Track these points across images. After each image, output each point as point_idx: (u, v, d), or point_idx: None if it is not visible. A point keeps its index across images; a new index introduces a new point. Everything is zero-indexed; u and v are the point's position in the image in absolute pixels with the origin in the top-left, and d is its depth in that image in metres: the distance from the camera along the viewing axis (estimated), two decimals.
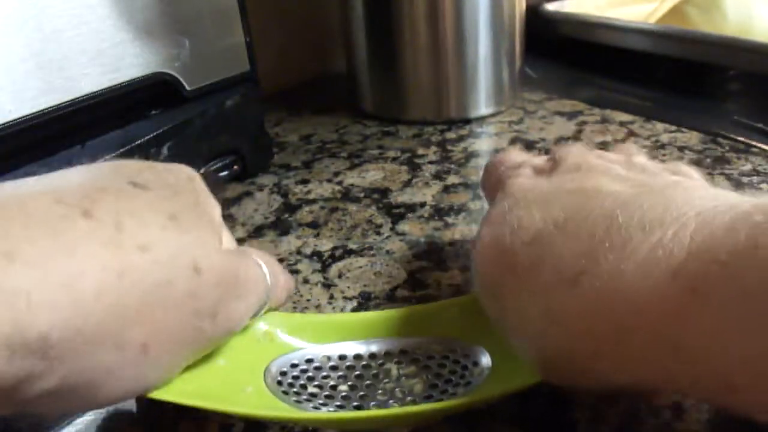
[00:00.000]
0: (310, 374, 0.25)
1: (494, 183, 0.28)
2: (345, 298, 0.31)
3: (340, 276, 0.33)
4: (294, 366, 0.25)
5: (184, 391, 0.21)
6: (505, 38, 0.52)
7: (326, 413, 0.23)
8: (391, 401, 0.24)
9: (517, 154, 0.29)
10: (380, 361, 0.25)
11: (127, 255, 0.17)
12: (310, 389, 0.24)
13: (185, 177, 0.23)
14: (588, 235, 0.20)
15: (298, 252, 0.35)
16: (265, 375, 0.24)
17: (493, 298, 0.23)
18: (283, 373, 0.24)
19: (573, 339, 0.19)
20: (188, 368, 0.22)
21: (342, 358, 0.25)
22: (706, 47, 0.53)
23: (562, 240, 0.20)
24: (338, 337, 0.26)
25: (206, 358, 0.23)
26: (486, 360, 0.24)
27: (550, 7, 0.66)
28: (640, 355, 0.18)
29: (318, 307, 0.31)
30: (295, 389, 0.24)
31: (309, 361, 0.25)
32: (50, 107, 0.31)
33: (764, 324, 0.15)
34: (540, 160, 0.26)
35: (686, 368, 0.17)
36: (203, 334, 0.20)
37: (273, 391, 0.24)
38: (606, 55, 0.62)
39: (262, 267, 0.24)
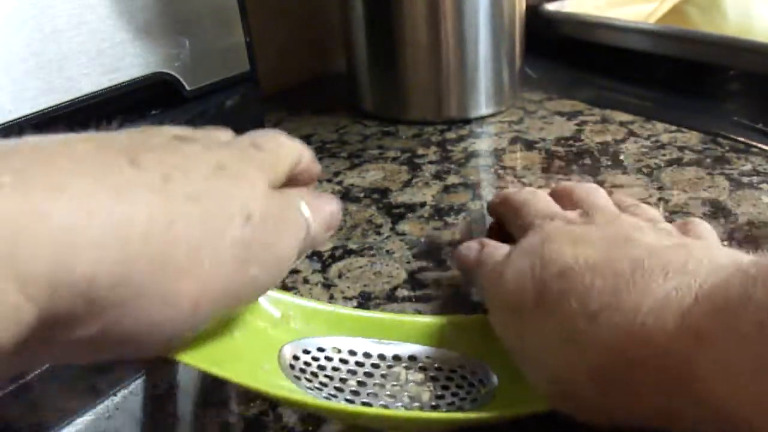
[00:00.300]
0: (321, 363, 0.25)
1: (522, 221, 0.28)
2: (345, 298, 0.31)
3: (340, 276, 0.33)
4: (306, 352, 0.25)
5: (209, 358, 0.21)
6: (505, 38, 0.52)
7: (342, 404, 0.23)
8: (397, 404, 0.24)
9: (546, 202, 0.30)
10: (389, 363, 0.25)
11: (176, 204, 0.17)
12: (321, 378, 0.24)
13: (229, 131, 0.24)
14: (614, 275, 0.21)
15: None
16: (279, 356, 0.24)
17: (511, 323, 0.24)
18: (296, 358, 0.24)
19: (586, 370, 0.20)
20: (206, 334, 0.21)
21: (352, 353, 0.26)
22: (706, 47, 0.53)
23: (590, 277, 0.22)
24: (350, 332, 0.26)
25: (221, 328, 0.22)
26: (493, 380, 0.25)
27: (550, 7, 0.66)
28: (646, 392, 0.19)
29: None
30: (306, 375, 0.24)
31: (320, 350, 0.25)
32: (50, 107, 0.31)
33: (759, 366, 0.16)
34: (572, 214, 0.27)
35: (689, 407, 0.18)
36: (254, 282, 0.20)
37: (286, 373, 0.24)
38: (606, 55, 0.62)
39: (302, 210, 0.22)
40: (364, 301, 0.31)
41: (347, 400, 0.23)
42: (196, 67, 0.38)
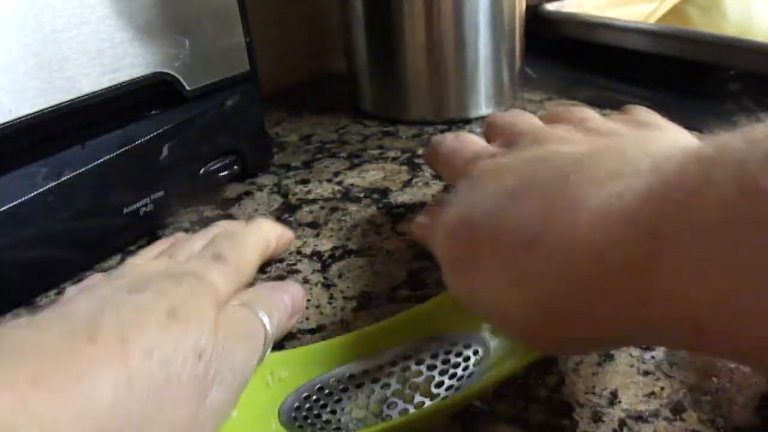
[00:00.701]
0: (322, 402, 0.25)
1: (452, 171, 0.29)
2: (345, 298, 0.31)
3: (340, 276, 0.33)
4: (306, 398, 0.25)
5: None
6: (505, 38, 0.52)
7: None
8: (403, 406, 0.24)
9: (471, 143, 0.29)
10: (388, 371, 0.25)
11: (134, 363, 0.19)
12: (325, 417, 0.24)
13: (198, 240, 0.28)
14: (541, 197, 0.20)
15: (298, 252, 0.35)
16: (279, 415, 0.24)
17: (459, 279, 0.23)
18: (297, 408, 0.25)
19: (537, 307, 0.19)
20: None
21: (351, 377, 0.26)
22: (706, 47, 0.53)
23: (517, 206, 0.20)
24: (344, 360, 0.26)
25: None
26: (485, 346, 0.25)
27: (550, 7, 0.66)
28: (608, 311, 0.18)
29: (318, 307, 0.31)
30: (309, 421, 0.24)
31: (320, 389, 0.25)
32: (50, 107, 0.31)
33: (725, 261, 0.14)
34: (494, 147, 0.27)
35: (655, 316, 0.17)
36: (220, 405, 0.21)
37: (289, 429, 0.24)
38: (606, 55, 0.62)
39: (257, 316, 0.25)
40: (364, 301, 0.31)
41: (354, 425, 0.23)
42: (196, 67, 0.38)
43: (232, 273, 0.26)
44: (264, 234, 0.31)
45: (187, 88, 0.38)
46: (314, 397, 0.25)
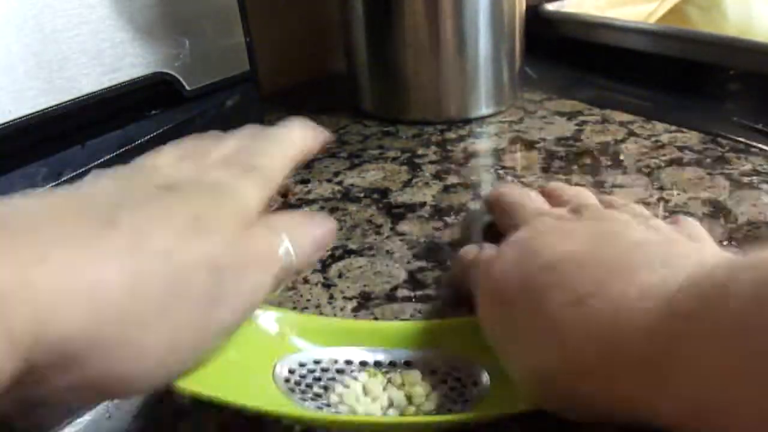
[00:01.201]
0: (316, 375, 0.25)
1: (511, 216, 0.30)
2: (345, 298, 0.31)
3: (340, 276, 0.33)
4: (302, 365, 0.25)
5: (200, 381, 0.21)
6: (505, 38, 0.52)
7: (329, 414, 0.23)
8: (391, 410, 0.24)
9: (537, 200, 0.31)
10: (385, 370, 0.26)
11: (145, 261, 0.18)
12: (315, 389, 0.24)
13: (231, 139, 0.26)
14: (598, 267, 0.21)
15: None
16: (274, 371, 0.24)
17: (495, 317, 0.24)
18: (291, 371, 0.25)
19: (565, 358, 0.20)
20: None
21: (348, 362, 0.26)
22: (706, 47, 0.53)
23: (575, 269, 0.22)
24: (346, 342, 0.26)
25: (219, 349, 0.23)
26: (486, 381, 0.25)
27: (550, 7, 0.66)
28: (624, 380, 0.19)
29: (318, 307, 0.31)
30: (300, 387, 0.24)
31: (317, 362, 0.25)
32: (50, 107, 0.31)
33: (736, 363, 0.16)
34: (561, 211, 0.28)
35: (666, 400, 0.18)
36: (223, 324, 0.21)
37: (280, 387, 0.24)
38: (606, 55, 0.62)
39: (282, 242, 0.23)
40: (364, 301, 0.31)
41: (341, 410, 0.24)
42: (196, 67, 0.38)
43: (263, 183, 0.25)
44: (295, 138, 0.29)
45: (187, 88, 0.38)
46: (309, 368, 0.25)
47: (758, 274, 0.16)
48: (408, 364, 0.26)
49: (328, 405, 0.24)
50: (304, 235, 0.25)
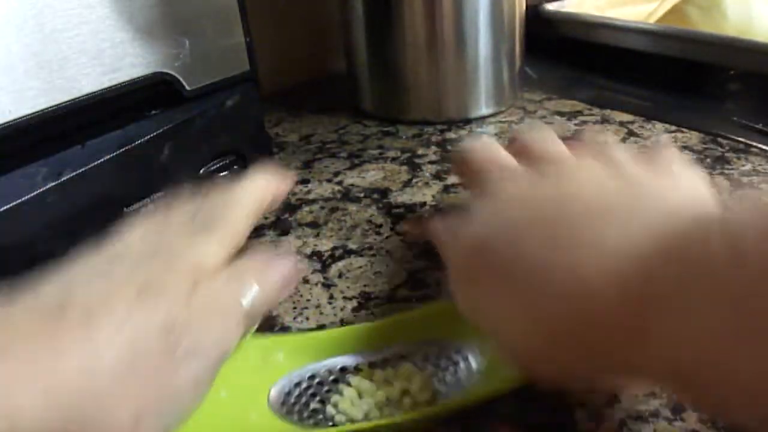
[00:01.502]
0: (312, 391, 0.25)
1: (478, 182, 0.29)
2: (345, 298, 0.31)
3: (340, 276, 0.33)
4: (297, 384, 0.25)
5: (197, 428, 0.22)
6: (505, 38, 0.52)
7: (326, 429, 0.23)
8: (388, 407, 0.24)
9: (499, 155, 0.29)
10: (379, 368, 0.26)
11: (100, 339, 0.19)
12: (312, 406, 0.24)
13: (190, 205, 0.26)
14: (562, 230, 0.21)
15: (298, 252, 0.35)
16: (268, 398, 0.24)
17: (470, 293, 0.24)
18: (287, 393, 0.25)
19: (543, 333, 0.21)
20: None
21: (343, 370, 0.26)
22: (706, 47, 0.53)
23: (538, 234, 0.22)
24: (338, 351, 0.27)
25: (208, 393, 0.23)
26: (477, 359, 0.25)
27: (550, 7, 0.66)
28: (602, 341, 0.19)
29: (318, 307, 0.31)
30: (297, 408, 0.24)
31: (311, 377, 0.26)
32: (50, 107, 0.31)
33: (718, 331, 0.16)
34: (522, 170, 0.27)
35: (647, 361, 0.18)
36: (193, 380, 0.21)
37: (277, 412, 0.24)
38: (606, 55, 0.62)
39: (246, 289, 0.24)
40: (364, 301, 0.31)
41: (341, 421, 0.24)
42: (196, 67, 0.38)
43: (222, 236, 0.25)
44: (256, 191, 0.29)
45: (187, 88, 0.38)
46: (305, 385, 0.25)
47: (733, 237, 0.16)
48: (402, 358, 0.26)
49: (326, 418, 0.24)
50: (267, 277, 0.25)
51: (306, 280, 0.33)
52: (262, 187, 0.29)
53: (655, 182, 0.24)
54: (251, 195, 0.29)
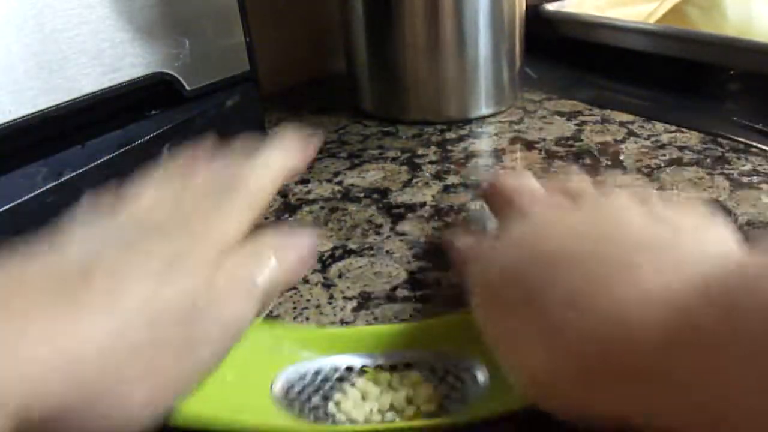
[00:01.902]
0: (316, 386, 0.25)
1: (508, 208, 0.28)
2: (345, 298, 0.31)
3: (340, 276, 0.33)
4: (302, 378, 0.25)
5: (194, 413, 0.22)
6: (505, 38, 0.52)
7: (325, 426, 0.23)
8: (390, 413, 0.24)
9: (534, 189, 0.29)
10: (385, 373, 0.26)
11: (123, 315, 0.19)
12: (314, 401, 0.24)
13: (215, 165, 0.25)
14: (599, 265, 0.21)
15: None
16: (272, 387, 0.24)
17: (493, 317, 0.24)
18: (291, 386, 0.25)
19: (568, 364, 0.20)
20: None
21: (349, 369, 0.26)
22: (706, 47, 0.53)
23: (575, 268, 0.21)
24: (345, 349, 0.26)
25: (214, 374, 0.23)
26: (485, 377, 0.25)
27: (550, 7, 0.66)
28: (630, 387, 0.19)
29: (318, 307, 0.31)
30: (299, 401, 0.24)
31: (317, 372, 0.25)
32: (50, 107, 0.31)
33: (753, 367, 0.16)
34: (558, 199, 0.27)
35: (673, 402, 0.18)
36: (208, 358, 0.21)
37: (278, 403, 0.24)
38: (606, 55, 0.62)
39: (260, 275, 0.23)
40: (364, 301, 0.31)
41: (340, 420, 0.24)
42: (196, 67, 0.38)
43: (244, 207, 0.24)
44: (279, 155, 0.28)
45: (187, 88, 0.38)
46: (308, 380, 0.25)
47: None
48: (408, 366, 0.26)
49: (326, 415, 0.24)
50: (291, 252, 0.25)
51: (306, 280, 0.33)
52: (283, 154, 0.28)
53: (691, 229, 0.23)
54: (274, 162, 0.28)
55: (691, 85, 0.56)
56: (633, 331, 0.18)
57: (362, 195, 0.42)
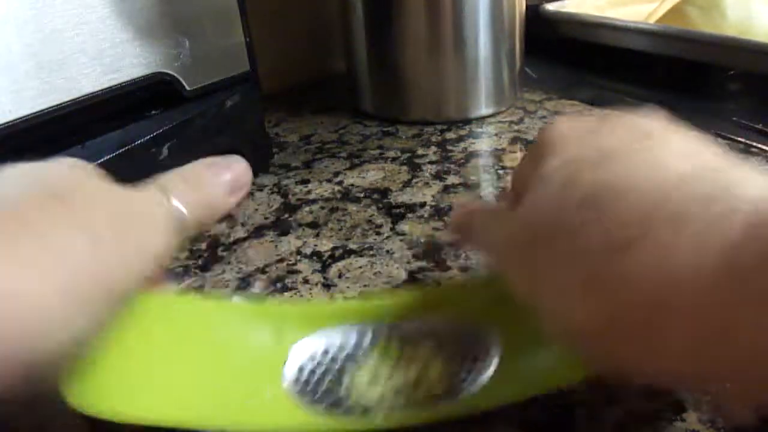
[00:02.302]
0: (326, 367, 0.25)
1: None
2: (345, 298, 0.31)
3: (340, 276, 0.33)
4: (311, 358, 0.25)
5: (205, 414, 0.22)
6: (505, 38, 0.52)
7: (334, 420, 0.23)
8: (400, 395, 0.23)
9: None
10: (396, 347, 0.25)
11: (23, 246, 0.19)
12: (326, 385, 0.24)
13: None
14: (644, 203, 0.19)
15: (298, 252, 0.35)
16: (282, 376, 0.24)
17: (522, 264, 0.22)
18: (301, 369, 0.24)
19: (608, 311, 0.18)
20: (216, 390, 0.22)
21: (357, 346, 0.25)
22: (706, 47, 0.53)
23: (617, 206, 0.19)
24: (354, 320, 0.26)
25: (224, 368, 0.23)
26: (497, 350, 0.24)
27: (550, 7, 0.66)
28: (677, 339, 0.17)
29: None
30: (310, 386, 0.24)
31: (325, 353, 0.25)
32: (50, 107, 0.31)
33: None
34: (588, 122, 0.24)
35: (731, 358, 0.16)
36: (117, 284, 0.21)
37: (291, 390, 0.24)
38: (606, 55, 0.62)
39: (169, 203, 0.24)
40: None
41: (351, 407, 0.23)
42: (196, 67, 0.38)
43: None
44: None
45: (187, 88, 0.38)
46: (318, 361, 0.25)
47: None
48: (418, 337, 0.25)
49: (339, 400, 0.23)
50: (208, 184, 0.25)
51: (306, 280, 0.33)
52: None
53: (728, 165, 0.21)
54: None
55: (691, 85, 0.56)
56: (677, 283, 0.17)
57: (362, 195, 0.42)
